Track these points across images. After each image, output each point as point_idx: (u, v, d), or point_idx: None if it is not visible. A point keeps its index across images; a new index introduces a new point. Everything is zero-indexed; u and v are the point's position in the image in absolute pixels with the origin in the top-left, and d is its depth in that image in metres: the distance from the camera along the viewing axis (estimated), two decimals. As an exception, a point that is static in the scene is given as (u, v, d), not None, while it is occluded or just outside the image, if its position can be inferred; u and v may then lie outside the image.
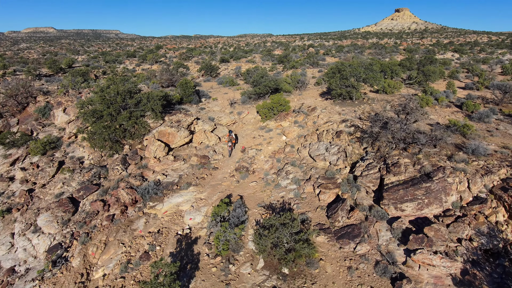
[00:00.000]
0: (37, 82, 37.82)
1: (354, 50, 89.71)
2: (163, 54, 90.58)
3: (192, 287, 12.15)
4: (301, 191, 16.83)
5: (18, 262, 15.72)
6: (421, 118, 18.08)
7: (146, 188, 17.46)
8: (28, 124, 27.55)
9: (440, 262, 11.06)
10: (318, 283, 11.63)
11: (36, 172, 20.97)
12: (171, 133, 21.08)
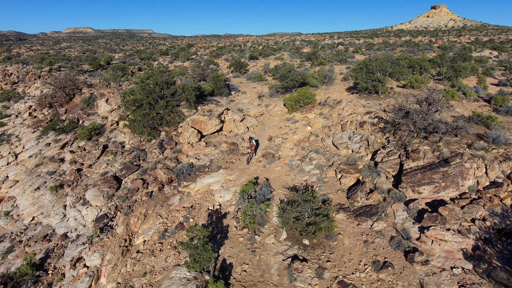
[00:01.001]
0: (81, 76, 41.07)
1: (384, 48, 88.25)
2: (194, 52, 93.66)
3: (222, 252, 13.61)
4: (323, 176, 17.86)
5: (70, 229, 17.92)
6: (443, 108, 18.48)
7: (181, 169, 19.17)
8: (74, 113, 30.32)
9: (452, 237, 11.77)
10: (336, 253, 12.70)
11: (83, 154, 23.36)
12: (203, 121, 22.75)
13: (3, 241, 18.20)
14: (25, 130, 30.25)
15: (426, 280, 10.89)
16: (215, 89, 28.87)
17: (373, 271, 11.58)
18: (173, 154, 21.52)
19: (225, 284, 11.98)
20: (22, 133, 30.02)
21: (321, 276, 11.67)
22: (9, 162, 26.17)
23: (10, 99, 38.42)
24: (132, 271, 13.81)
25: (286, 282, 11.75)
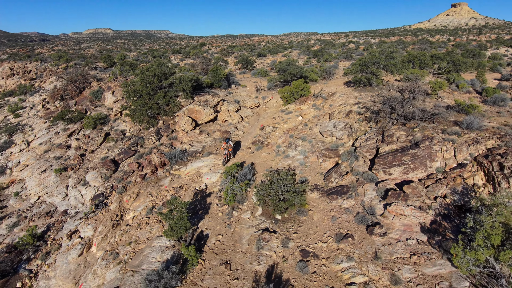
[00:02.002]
0: (92, 72, 43.14)
1: (396, 46, 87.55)
2: (205, 50, 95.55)
3: (201, 225, 14.72)
4: (306, 161, 18.71)
5: (70, 207, 19.44)
6: (422, 96, 18.94)
7: (173, 153, 20.41)
8: (83, 105, 32.16)
9: (411, 212, 12.46)
10: (303, 226, 13.58)
11: (87, 141, 24.99)
12: (198, 111, 23.95)
13: (10, 216, 19.91)
14: (38, 121, 32.30)
15: (381, 250, 11.65)
16: (214, 81, 30.08)
17: (334, 242, 12.41)
18: (168, 140, 22.82)
19: (199, 251, 13.09)
20: (35, 123, 32.08)
21: (286, 245, 12.59)
22: (21, 149, 28.15)
23: (27, 93, 40.85)
24: (120, 241, 15.10)
25: (254, 250, 12.73)
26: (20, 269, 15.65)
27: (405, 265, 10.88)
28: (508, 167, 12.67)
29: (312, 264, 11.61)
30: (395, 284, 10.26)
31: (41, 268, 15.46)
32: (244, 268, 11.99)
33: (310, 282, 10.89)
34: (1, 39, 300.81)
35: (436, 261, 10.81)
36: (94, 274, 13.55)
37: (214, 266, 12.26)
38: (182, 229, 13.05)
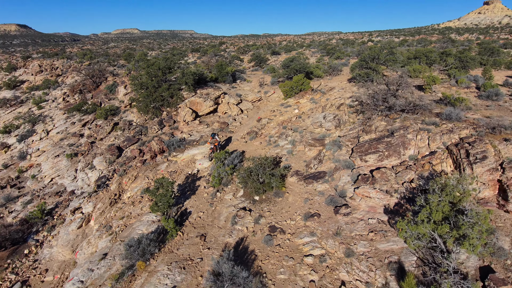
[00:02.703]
0: (111, 67, 45.64)
1: (417, 44, 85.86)
2: (223, 49, 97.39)
3: (186, 204, 16.01)
4: (293, 150, 19.59)
5: (77, 187, 21.30)
6: (408, 89, 19.32)
7: (171, 141, 21.85)
8: (98, 98, 34.39)
9: (375, 194, 13.17)
10: (277, 206, 14.56)
11: (97, 129, 26.97)
12: (199, 103, 25.32)
13: (26, 195, 22.02)
14: (58, 112, 34.84)
15: (343, 227, 12.46)
16: (219, 76, 31.40)
17: (302, 220, 13.32)
18: (170, 130, 24.32)
19: (180, 225, 14.38)
20: (55, 114, 34.64)
21: (258, 221, 13.63)
22: (41, 137, 30.62)
23: (50, 87, 43.86)
24: (114, 216, 16.64)
25: (228, 226, 13.86)
26: (29, 239, 17.54)
27: (361, 241, 11.66)
28: (473, 154, 13.12)
29: (278, 238, 12.60)
30: (347, 257, 11.08)
31: (47, 239, 17.29)
32: (217, 240, 13.14)
33: (272, 253, 11.89)
34: (35, 39, 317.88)
35: (391, 238, 11.53)
36: (89, 243, 15.13)
37: (191, 238, 13.49)
38: (166, 205, 14.37)
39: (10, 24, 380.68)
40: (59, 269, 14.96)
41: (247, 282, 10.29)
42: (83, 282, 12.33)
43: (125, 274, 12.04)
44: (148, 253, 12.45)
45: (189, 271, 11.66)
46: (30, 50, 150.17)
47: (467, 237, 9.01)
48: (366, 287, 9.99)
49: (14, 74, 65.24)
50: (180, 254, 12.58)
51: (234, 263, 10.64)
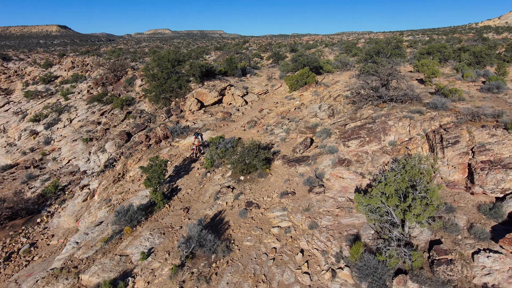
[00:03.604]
0: (133, 63, 48.24)
1: (447, 42, 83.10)
2: (246, 47, 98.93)
3: (178, 182, 17.30)
4: (287, 137, 20.38)
5: (89, 168, 23.25)
6: (402, 81, 19.52)
7: (175, 128, 23.30)
8: (118, 90, 36.71)
9: (348, 175, 13.78)
10: (259, 185, 15.47)
11: (112, 117, 29.02)
12: (204, 93, 26.65)
13: (45, 174, 24.29)
14: (81, 103, 37.55)
15: (313, 204, 13.18)
16: (228, 70, 32.64)
17: (277, 197, 14.17)
18: (176, 118, 25.83)
19: (169, 199, 15.67)
20: (79, 105, 37.36)
21: (237, 198, 14.64)
22: (65, 125, 33.25)
23: (77, 80, 47.08)
24: (115, 191, 18.24)
25: (211, 201, 14.97)
26: (43, 210, 19.56)
27: (327, 216, 12.36)
28: (446, 139, 13.41)
29: (252, 212, 13.54)
30: (311, 229, 11.83)
31: (57, 210, 19.22)
32: (198, 212, 14.28)
33: (244, 224, 12.85)
34: (74, 39, 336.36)
35: (354, 214, 12.15)
36: (89, 213, 16.79)
37: (176, 210, 14.72)
38: (157, 180, 15.69)
39: (51, 25, 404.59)
40: (63, 235, 16.73)
41: (213, 245, 11.34)
42: (78, 243, 13.88)
43: (113, 237, 13.46)
44: (135, 220, 13.80)
45: (168, 236, 12.88)
46: (68, 49, 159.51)
47: (411, 207, 9.53)
48: (322, 255, 10.72)
49: (50, 70, 70.01)
50: (163, 223, 13.84)
51: (203, 228, 11.72)
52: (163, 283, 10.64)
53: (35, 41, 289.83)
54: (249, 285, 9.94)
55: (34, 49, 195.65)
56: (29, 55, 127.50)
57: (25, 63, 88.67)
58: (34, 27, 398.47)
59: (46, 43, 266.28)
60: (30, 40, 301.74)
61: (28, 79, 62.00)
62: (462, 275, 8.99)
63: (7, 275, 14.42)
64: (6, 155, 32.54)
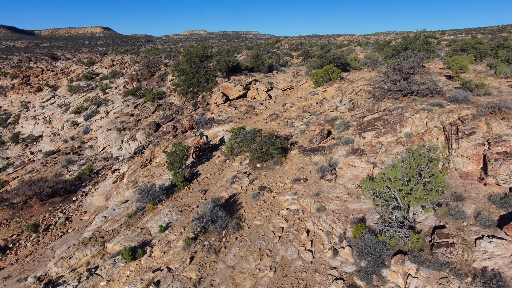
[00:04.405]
0: (166, 60, 50.49)
1: (489, 41, 78.78)
2: (277, 47, 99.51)
3: (199, 167, 18.32)
4: (306, 130, 20.77)
5: (120, 154, 24.99)
6: (426, 75, 19.23)
7: (200, 119, 24.45)
8: (151, 85, 38.74)
9: (360, 164, 14.00)
10: (274, 172, 16.06)
11: (144, 110, 30.83)
12: (230, 87, 27.62)
13: (82, 160, 26.39)
14: (118, 97, 40.03)
15: (324, 190, 13.56)
16: (254, 66, 33.45)
17: (290, 183, 14.69)
18: (202, 111, 27.01)
19: (189, 182, 16.68)
20: (115, 98, 39.87)
21: (252, 182, 15.33)
22: (102, 117, 35.69)
23: (115, 76, 50.08)
24: (141, 175, 19.60)
25: (227, 185, 15.78)
26: (78, 190, 21.39)
27: (335, 201, 12.72)
28: (462, 130, 13.29)
29: (265, 195, 14.16)
30: (318, 211, 12.26)
31: (90, 191, 20.95)
32: (215, 194, 15.14)
33: (255, 205, 13.52)
34: (116, 40, 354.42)
35: (362, 200, 12.41)
36: (118, 193, 18.22)
37: (194, 192, 15.69)
38: (178, 164, 16.77)
39: (95, 27, 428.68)
40: (94, 211, 18.31)
41: (224, 221, 12.13)
42: (105, 217, 15.24)
43: (136, 213, 14.66)
44: (157, 198, 14.92)
45: (185, 213, 13.84)
46: (109, 49, 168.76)
47: (412, 190, 9.73)
48: (326, 235, 11.14)
49: (92, 68, 74.66)
50: (182, 202, 14.84)
51: (215, 206, 12.54)
52: (177, 253, 11.57)
53: (80, 42, 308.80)
54: (254, 257, 10.59)
55: (79, 50, 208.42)
56: (75, 54, 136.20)
57: (71, 62, 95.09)
58: (81, 28, 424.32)
59: (90, 44, 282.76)
60: (77, 41, 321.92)
61: (73, 76, 66.59)
62: (462, 258, 9.08)
63: (45, 243, 16.11)
64: (50, 143, 35.53)
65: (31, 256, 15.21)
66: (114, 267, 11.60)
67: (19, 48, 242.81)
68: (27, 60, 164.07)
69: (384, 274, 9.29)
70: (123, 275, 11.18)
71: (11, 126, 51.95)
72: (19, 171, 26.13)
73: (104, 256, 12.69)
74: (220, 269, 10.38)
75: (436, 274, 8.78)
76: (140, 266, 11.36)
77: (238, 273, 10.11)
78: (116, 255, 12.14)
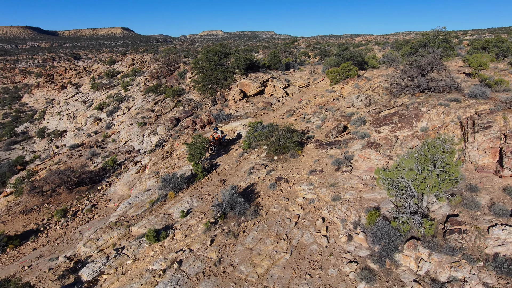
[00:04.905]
0: (185, 59, 51.63)
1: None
2: (294, 46, 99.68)
3: (218, 159, 18.99)
4: (322, 125, 21.14)
5: (142, 148, 25.99)
6: (444, 72, 19.25)
7: (218, 114, 25.15)
8: (171, 82, 39.83)
9: (375, 156, 14.31)
10: (290, 164, 16.54)
11: (164, 105, 31.83)
12: (247, 84, 28.23)
13: (105, 153, 27.55)
14: (138, 94, 41.32)
15: (339, 181, 13.95)
16: (272, 63, 33.96)
17: (306, 174, 15.14)
18: (220, 107, 27.73)
19: (208, 172, 17.36)
20: (136, 95, 41.17)
21: (269, 173, 15.86)
22: (124, 112, 36.98)
23: (136, 74, 51.59)
24: (162, 166, 20.44)
25: (245, 175, 16.36)
26: (102, 180, 22.45)
27: (350, 191, 13.10)
28: (478, 124, 13.42)
29: (281, 185, 14.67)
30: (333, 200, 12.68)
31: (114, 181, 21.95)
32: (233, 184, 15.72)
33: (272, 194, 14.05)
34: (135, 40, 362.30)
35: (377, 190, 12.74)
36: (141, 182, 19.10)
37: (213, 181, 16.35)
38: (198, 155, 17.48)
39: (116, 28, 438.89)
40: (118, 199, 19.25)
41: (243, 208, 12.71)
42: (130, 204, 16.09)
43: (159, 200, 15.43)
44: (178, 186, 15.65)
45: (205, 201, 14.51)
46: (129, 49, 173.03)
47: (426, 178, 10.03)
48: (341, 222, 11.56)
49: (113, 66, 76.82)
50: (202, 191, 15.52)
51: (235, 193, 13.13)
52: (197, 236, 12.22)
53: (101, 42, 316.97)
54: (271, 241, 11.12)
55: (100, 50, 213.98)
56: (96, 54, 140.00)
57: (92, 61, 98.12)
58: (101, 29, 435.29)
59: (110, 44, 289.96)
60: (98, 41, 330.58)
61: (95, 74, 68.83)
62: (474, 245, 9.35)
63: (73, 227, 17.12)
64: (74, 138, 37.08)
65: (60, 238, 16.22)
66: (139, 247, 12.36)
67: (43, 48, 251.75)
68: (51, 60, 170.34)
69: (397, 258, 9.64)
70: (148, 255, 11.91)
71: (37, 121, 54.28)
72: (47, 163, 27.51)
73: (129, 239, 13.48)
74: (239, 251, 10.96)
75: (448, 259, 9.07)
76: (163, 247, 12.07)
77: (256, 254, 10.66)
78: (141, 237, 12.90)
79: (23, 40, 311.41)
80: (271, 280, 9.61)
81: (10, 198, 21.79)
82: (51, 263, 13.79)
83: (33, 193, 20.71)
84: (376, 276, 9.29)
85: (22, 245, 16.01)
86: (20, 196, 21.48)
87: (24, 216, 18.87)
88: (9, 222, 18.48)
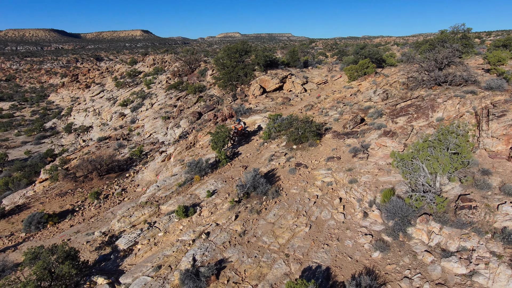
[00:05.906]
0: (205, 58, 53.16)
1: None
2: (312, 47, 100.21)
3: (239, 148, 20.04)
4: (339, 118, 21.86)
5: (166, 140, 27.34)
6: (461, 66, 19.67)
7: (238, 108, 26.24)
8: (192, 80, 41.28)
9: (391, 143, 14.99)
10: (309, 152, 17.38)
11: (186, 101, 33.20)
12: (267, 80, 29.22)
13: (131, 144, 29.04)
14: (161, 91, 42.99)
15: (356, 166, 14.70)
16: (290, 61, 34.85)
17: (324, 161, 15.94)
18: (241, 101, 28.82)
19: (231, 159, 18.40)
20: (158, 92, 42.85)
21: (288, 160, 16.75)
22: (147, 108, 38.64)
23: (158, 73, 53.50)
24: (187, 155, 21.65)
25: (266, 162, 17.31)
26: (130, 168, 23.87)
27: (366, 175, 13.83)
28: (493, 113, 13.93)
29: (301, 170, 15.53)
30: (350, 183, 13.46)
31: (141, 169, 23.33)
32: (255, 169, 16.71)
33: (292, 178, 14.93)
34: (154, 42, 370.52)
35: (392, 174, 13.45)
36: (167, 169, 20.35)
37: (236, 167, 17.37)
38: (221, 144, 18.56)
39: (136, 30, 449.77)
40: (146, 185, 20.56)
41: (265, 188, 13.66)
42: (158, 186, 17.31)
43: (185, 183, 16.57)
44: (203, 171, 16.76)
45: (229, 183, 15.54)
46: (149, 51, 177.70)
47: (438, 158, 10.71)
48: (357, 201, 12.34)
49: (135, 67, 79.28)
50: (225, 175, 16.57)
51: (257, 174, 14.10)
52: (223, 213, 13.25)
53: (122, 44, 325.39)
54: (291, 216, 12.02)
55: (121, 51, 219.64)
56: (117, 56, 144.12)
57: (114, 62, 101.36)
58: (122, 32, 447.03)
59: (131, 46, 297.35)
60: (118, 43, 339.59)
61: (117, 74, 71.36)
62: (483, 220, 9.97)
63: (105, 208, 18.49)
64: (100, 132, 38.99)
65: (94, 217, 17.59)
66: (169, 222, 13.49)
67: (67, 50, 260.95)
68: (74, 61, 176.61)
69: (410, 231, 10.36)
70: (177, 229, 13.02)
71: (64, 118, 57.01)
72: (77, 153, 29.28)
73: (159, 216, 14.65)
74: (262, 225, 11.90)
75: (458, 232, 9.74)
76: (191, 222, 13.16)
77: (277, 227, 11.58)
78: (170, 213, 14.04)
79: (48, 42, 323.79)
80: (292, 249, 10.51)
81: (46, 184, 23.48)
82: (88, 237, 15.11)
83: (67, 178, 22.30)
84: (389, 246, 10.05)
85: (60, 222, 17.46)
86: (54, 182, 23.13)
87: (60, 199, 20.43)
88: (47, 203, 20.07)
